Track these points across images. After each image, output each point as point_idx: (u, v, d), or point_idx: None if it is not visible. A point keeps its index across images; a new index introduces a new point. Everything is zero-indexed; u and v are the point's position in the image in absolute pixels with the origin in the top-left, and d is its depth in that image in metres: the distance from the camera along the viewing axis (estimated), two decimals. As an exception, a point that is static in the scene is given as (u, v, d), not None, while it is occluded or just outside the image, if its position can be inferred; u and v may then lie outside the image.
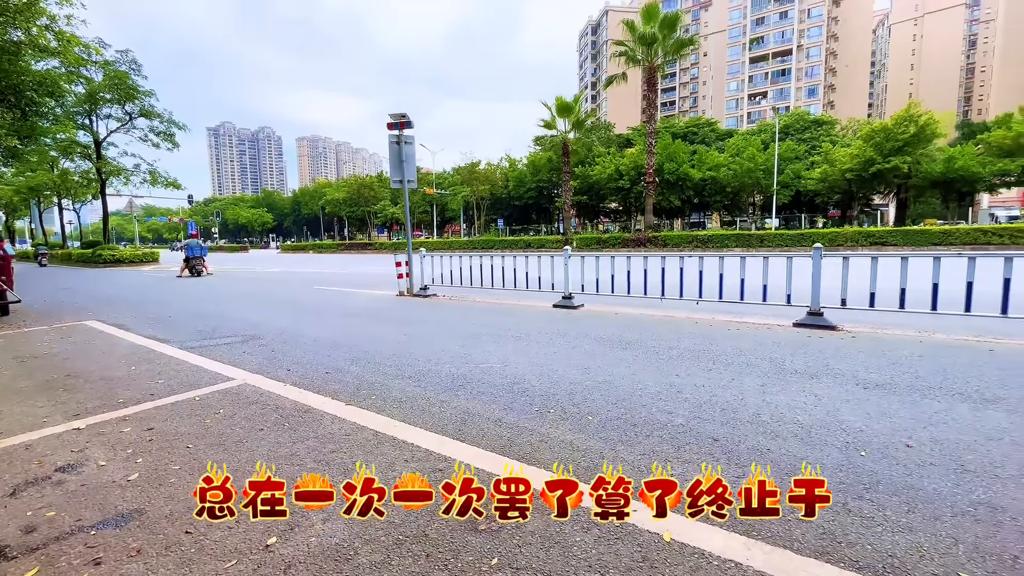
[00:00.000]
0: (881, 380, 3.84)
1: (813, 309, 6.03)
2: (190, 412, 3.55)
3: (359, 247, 51.27)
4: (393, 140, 10.18)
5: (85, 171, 33.02)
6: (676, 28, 28.88)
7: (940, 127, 36.38)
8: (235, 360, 5.09)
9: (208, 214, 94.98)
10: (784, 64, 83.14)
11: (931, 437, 2.79)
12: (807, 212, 52.08)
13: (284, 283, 15.15)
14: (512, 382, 4.05)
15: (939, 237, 23.02)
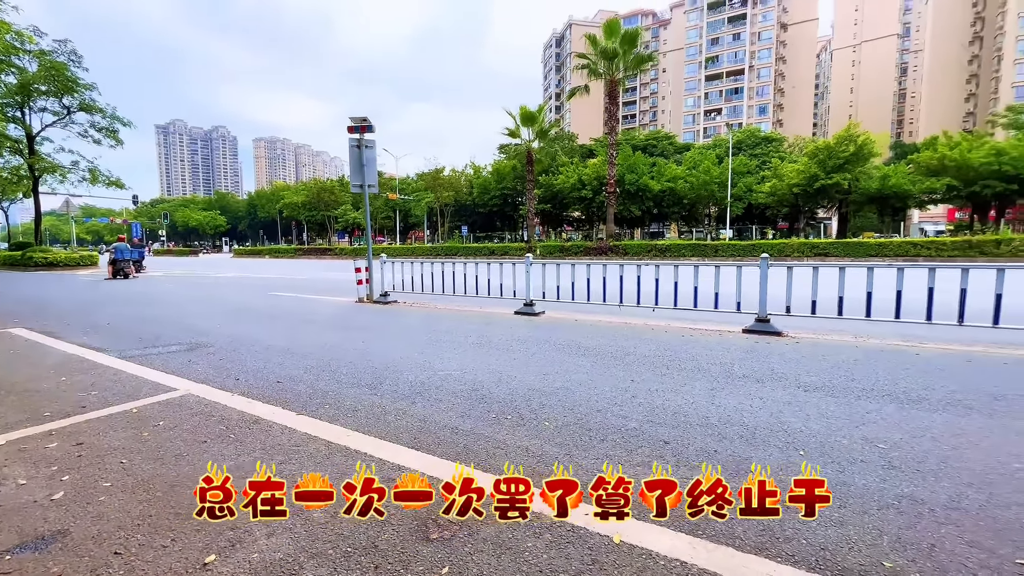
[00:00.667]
0: (820, 383, 4.06)
1: (761, 316, 6.33)
2: (126, 425, 3.34)
3: (319, 252, 49.87)
4: (354, 144, 10.01)
5: (15, 167, 30.63)
6: (636, 44, 29.83)
7: (876, 147, 39.11)
8: (179, 369, 4.83)
9: (155, 216, 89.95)
10: (737, 83, 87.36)
11: (862, 436, 2.97)
12: (758, 224, 54.69)
13: (237, 288, 14.52)
14: (470, 389, 4.03)
15: (875, 249, 24.69)
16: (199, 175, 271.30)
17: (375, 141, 10.21)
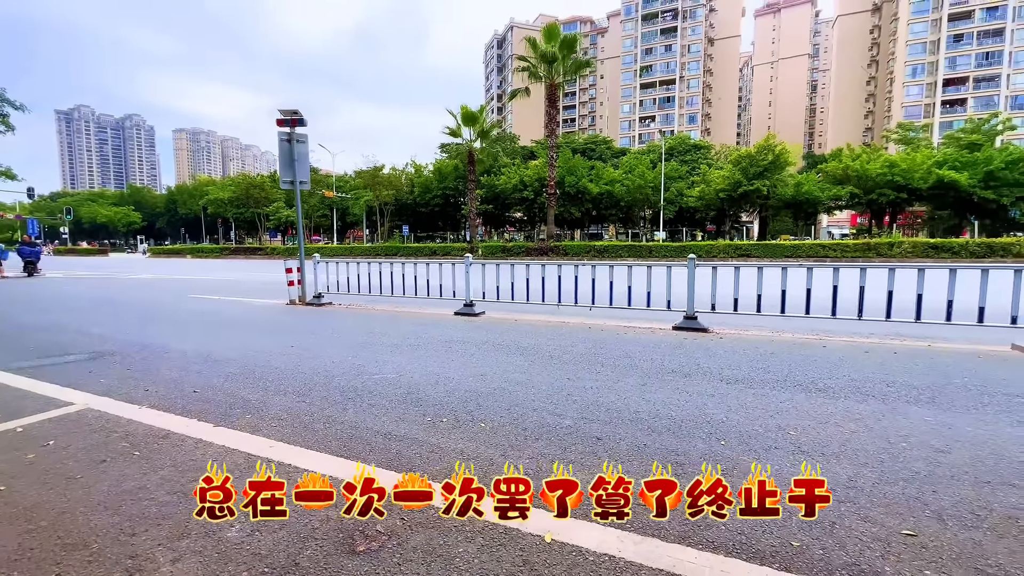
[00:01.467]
0: (740, 376, 4.34)
1: (688, 313, 6.67)
2: (7, 446, 2.94)
3: (248, 252, 46.98)
4: (284, 138, 9.49)
5: None
6: (575, 49, 30.59)
7: (791, 156, 42.73)
8: (77, 382, 4.34)
9: (56, 211, 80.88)
10: (669, 92, 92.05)
11: (776, 424, 3.19)
12: (689, 226, 57.90)
13: (152, 291, 13.32)
14: (406, 392, 3.93)
15: (790, 250, 26.91)
16: (109, 167, 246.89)
17: (307, 135, 9.75)
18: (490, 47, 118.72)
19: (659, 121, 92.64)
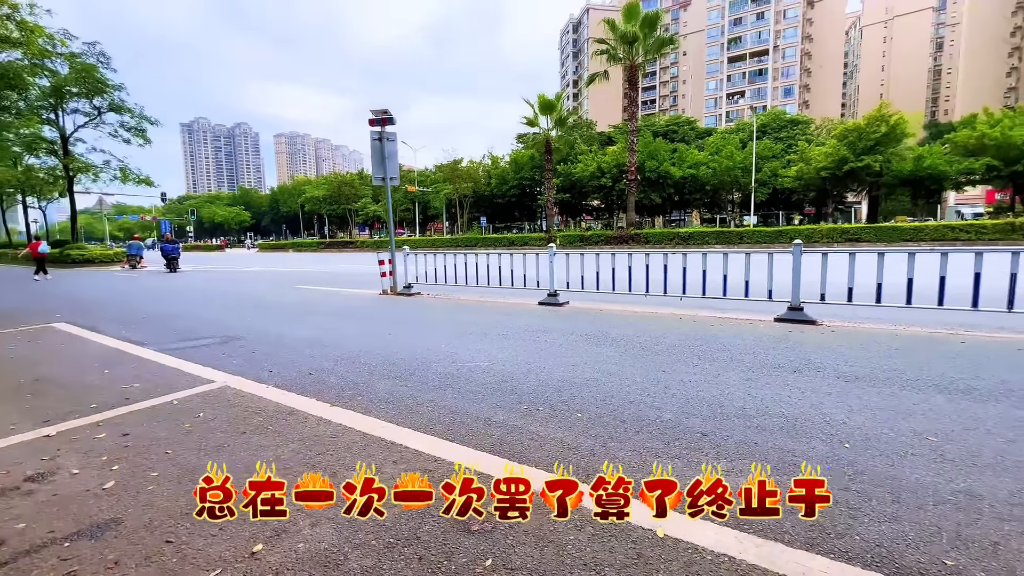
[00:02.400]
0: (860, 373, 3.93)
1: (794, 304, 6.15)
2: (168, 416, 3.44)
3: (340, 245, 50.59)
4: (375, 137, 10.04)
5: (51, 168, 31.82)
6: (656, 27, 29.13)
7: (909, 127, 37.53)
8: (215, 362, 4.95)
9: (182, 212, 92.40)
10: (761, 64, 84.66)
11: (911, 428, 2.86)
12: (784, 209, 53.22)
13: (264, 282, 14.83)
14: (500, 380, 4.02)
15: (910, 233, 23.78)
16: (223, 171, 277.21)
17: (396, 134, 10.23)
18: (565, 32, 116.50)
19: (749, 96, 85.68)
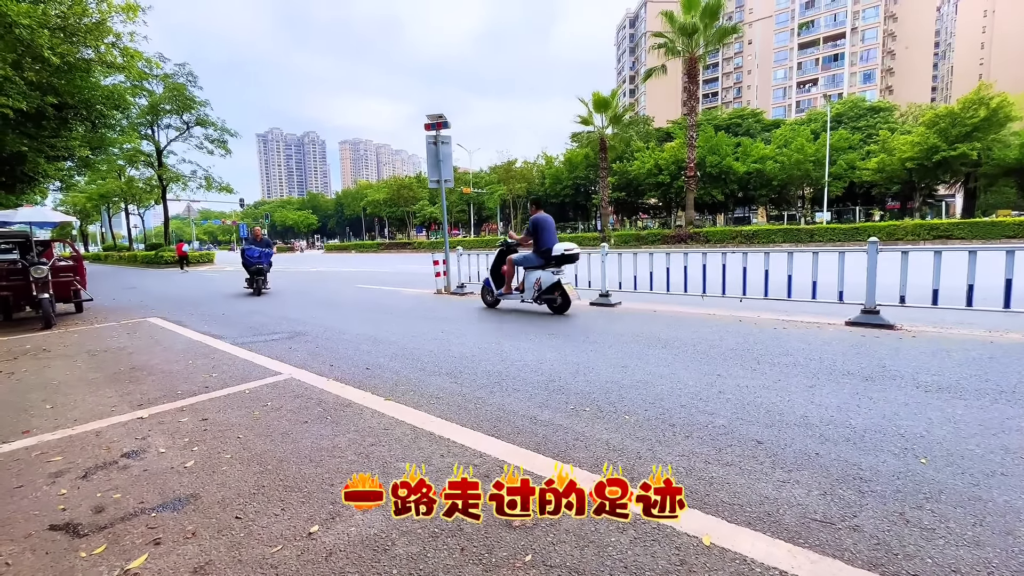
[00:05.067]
0: (945, 383, 3.58)
1: (868, 307, 5.69)
2: (240, 404, 3.74)
3: (399, 246, 52.46)
4: (430, 141, 10.34)
5: (148, 178, 35.41)
6: (718, 16, 27.87)
7: (1015, 109, 33.43)
8: (281, 355, 5.32)
9: (258, 216, 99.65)
10: (836, 49, 78.67)
11: (1001, 445, 2.57)
12: (862, 204, 49.17)
13: (328, 281, 15.69)
14: (547, 379, 4.03)
15: (1014, 230, 21.24)
16: (294, 178, 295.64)
17: (451, 137, 10.49)
18: (621, 27, 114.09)
19: (823, 84, 79.86)
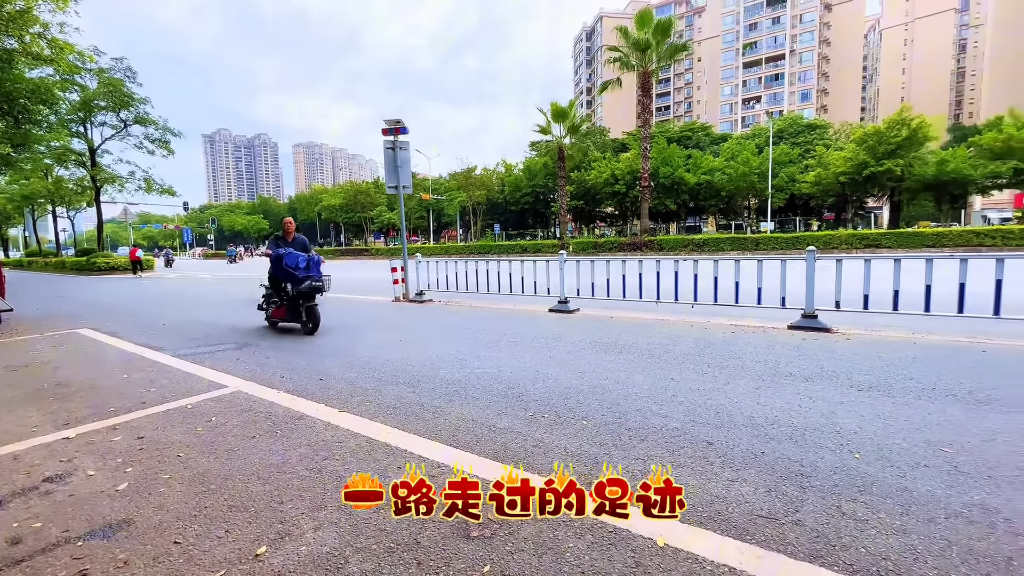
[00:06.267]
0: (875, 382, 3.84)
1: (807, 312, 6.05)
2: (181, 420, 3.52)
3: (356, 253, 51.19)
4: (388, 146, 10.19)
5: (79, 179, 32.93)
6: (670, 33, 29.08)
7: (932, 130, 36.67)
8: (228, 367, 5.05)
9: (204, 221, 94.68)
10: (777, 69, 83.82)
11: (925, 439, 2.78)
12: (802, 215, 52.35)
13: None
14: (507, 387, 4.03)
15: (932, 239, 23.19)
16: (243, 181, 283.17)
17: (409, 143, 10.37)
18: (579, 40, 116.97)
19: (765, 101, 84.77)
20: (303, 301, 6.78)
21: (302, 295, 6.75)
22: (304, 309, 6.79)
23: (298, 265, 6.63)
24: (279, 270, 6.82)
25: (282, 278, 6.92)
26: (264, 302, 7.63)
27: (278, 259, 6.72)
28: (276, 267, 6.90)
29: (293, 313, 6.93)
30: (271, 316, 7.34)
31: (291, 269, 6.61)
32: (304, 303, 6.78)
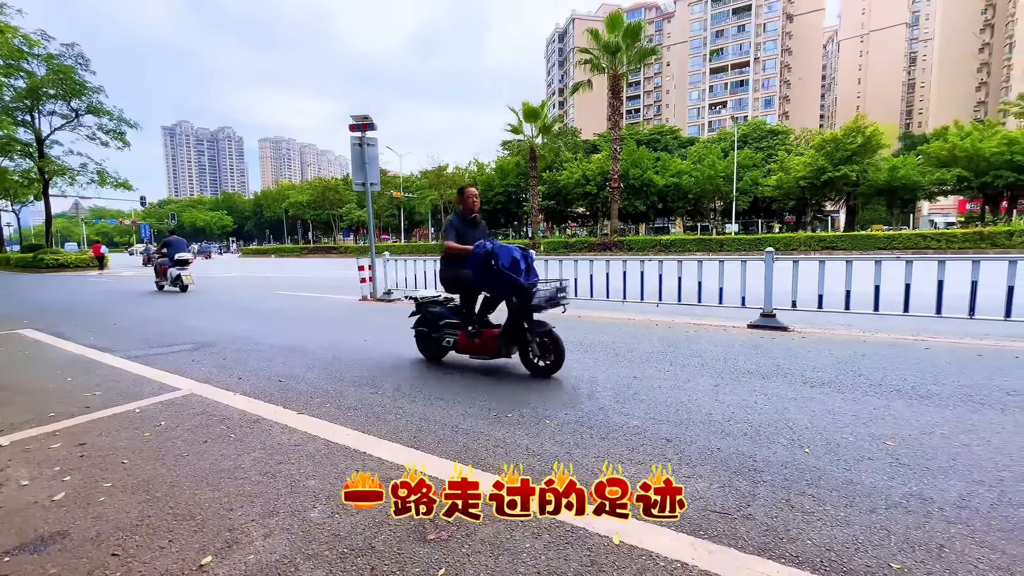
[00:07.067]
0: (827, 379, 4.00)
1: (766, 311, 6.25)
2: (128, 425, 3.35)
3: (324, 251, 50.06)
4: (355, 142, 10.00)
5: (26, 170, 30.96)
6: (639, 38, 29.61)
7: (885, 138, 38.65)
8: (182, 369, 4.85)
9: (163, 216, 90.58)
10: (742, 75, 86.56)
11: (869, 433, 2.91)
12: (764, 218, 54.25)
13: (243, 288, 14.59)
14: (471, 386, 4.00)
15: (884, 242, 24.41)
16: (206, 176, 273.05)
17: (377, 139, 10.20)
18: (551, 42, 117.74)
19: (731, 107, 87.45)
20: (529, 323, 4.26)
21: (528, 312, 4.21)
22: (534, 334, 4.26)
23: (517, 265, 4.13)
24: (487, 275, 4.15)
25: (492, 288, 4.29)
26: (431, 325, 4.88)
27: (486, 258, 4.09)
28: (480, 270, 4.17)
29: (510, 340, 4.33)
30: (459, 346, 4.64)
31: (509, 273, 4.05)
32: (537, 330, 4.27)
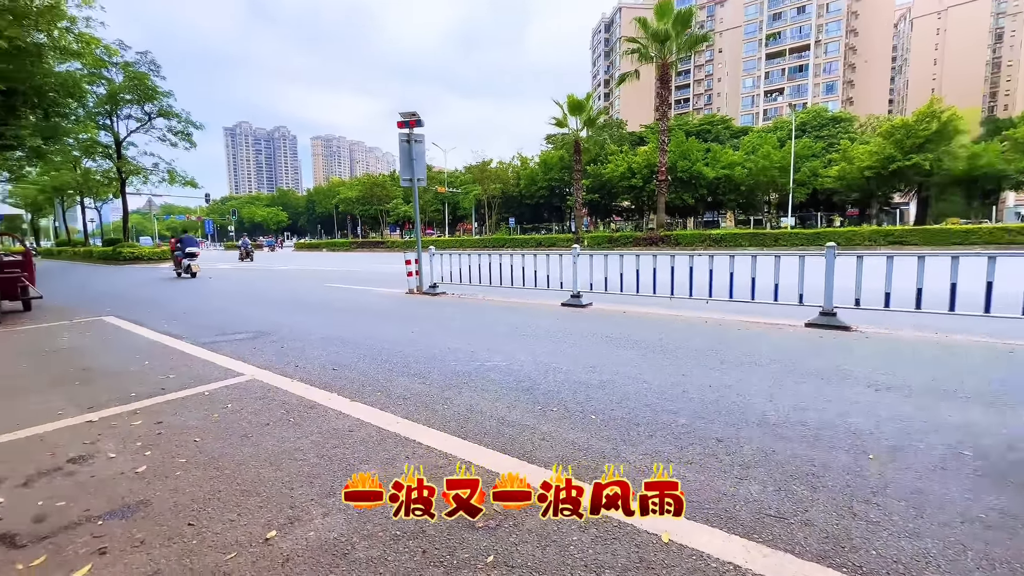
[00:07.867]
0: (894, 382, 3.75)
1: (826, 309, 5.92)
2: (198, 406, 3.61)
3: (372, 245, 51.64)
4: (403, 139, 10.22)
5: (106, 170, 33.81)
6: (690, 24, 28.55)
7: (964, 123, 35.44)
8: (245, 356, 5.16)
9: (225, 212, 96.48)
10: (802, 60, 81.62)
11: (943, 442, 2.71)
12: (824, 211, 51.18)
13: (297, 280, 15.32)
14: (517, 380, 4.04)
15: (961, 236, 22.44)
16: (263, 173, 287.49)
17: (424, 135, 10.39)
18: (597, 32, 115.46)
19: (788, 94, 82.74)
20: None
21: None
22: None
23: None
24: None
25: None
26: None
27: None
28: None
29: None
30: None
31: None
32: None
